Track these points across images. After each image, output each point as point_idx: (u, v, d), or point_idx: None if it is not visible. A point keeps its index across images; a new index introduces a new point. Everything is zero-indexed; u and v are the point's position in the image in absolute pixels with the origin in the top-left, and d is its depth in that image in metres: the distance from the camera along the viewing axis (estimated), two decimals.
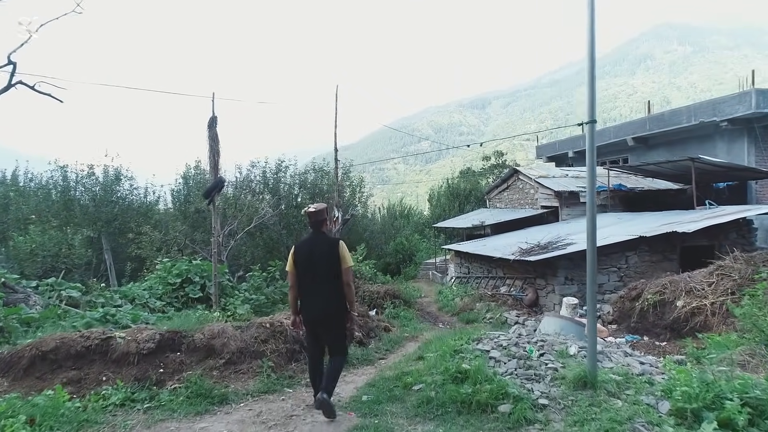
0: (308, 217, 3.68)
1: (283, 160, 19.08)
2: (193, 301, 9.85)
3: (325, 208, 3.70)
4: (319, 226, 3.67)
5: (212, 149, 8.81)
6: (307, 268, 3.56)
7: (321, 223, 3.68)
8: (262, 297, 11.25)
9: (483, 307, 10.04)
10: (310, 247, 3.61)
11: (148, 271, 12.82)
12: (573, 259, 8.78)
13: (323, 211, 3.68)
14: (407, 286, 16.11)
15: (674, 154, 14.46)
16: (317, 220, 3.65)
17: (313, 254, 3.55)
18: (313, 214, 3.65)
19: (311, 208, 3.68)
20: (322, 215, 3.68)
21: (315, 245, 3.60)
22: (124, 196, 17.04)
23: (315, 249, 3.58)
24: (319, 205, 3.72)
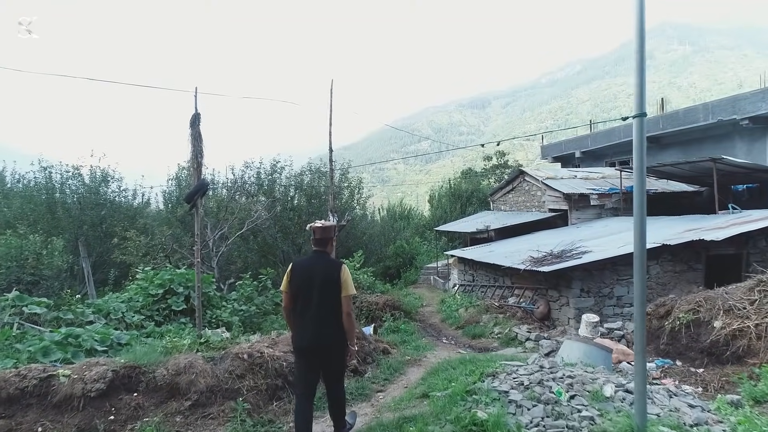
0: (313, 233, 3.34)
1: (278, 161, 18.34)
2: (177, 314, 9.10)
3: (333, 226, 3.41)
4: (324, 245, 3.34)
5: (195, 149, 8.03)
6: (303, 290, 3.20)
7: (327, 242, 3.35)
8: (252, 308, 10.51)
9: (490, 320, 9.29)
10: (309, 268, 3.25)
11: (132, 279, 12.09)
12: (589, 269, 8.04)
13: (331, 229, 3.39)
14: (407, 293, 15.37)
15: (689, 154, 13.73)
16: (323, 238, 3.33)
17: (312, 276, 3.19)
18: (320, 230, 3.33)
19: (318, 223, 3.40)
20: (329, 233, 3.37)
21: (315, 266, 3.25)
22: (112, 199, 16.29)
23: (315, 270, 3.22)
24: (327, 222, 3.46)
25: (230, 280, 12.85)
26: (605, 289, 8.12)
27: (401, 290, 17.02)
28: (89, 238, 15.40)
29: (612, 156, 16.89)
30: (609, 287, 8.14)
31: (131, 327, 7.98)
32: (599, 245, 9.12)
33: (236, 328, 9.16)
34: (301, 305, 3.18)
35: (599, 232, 10.90)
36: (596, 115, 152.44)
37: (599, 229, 11.27)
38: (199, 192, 7.95)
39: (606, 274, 8.13)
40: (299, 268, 3.27)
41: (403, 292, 15.92)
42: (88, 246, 15.50)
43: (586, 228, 11.83)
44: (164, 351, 4.38)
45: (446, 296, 12.88)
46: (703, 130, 13.11)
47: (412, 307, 10.57)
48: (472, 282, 12.05)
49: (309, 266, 3.25)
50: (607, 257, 7.93)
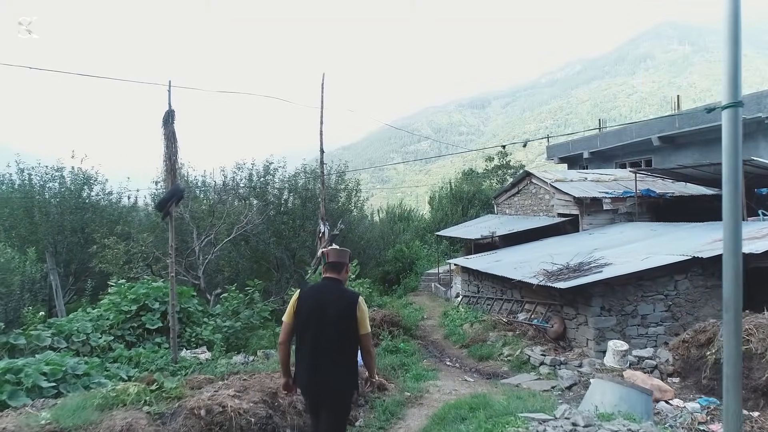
0: (326, 257, 3.00)
1: (272, 162, 17.47)
2: (151, 333, 8.23)
3: (348, 252, 3.13)
4: (338, 270, 2.98)
5: (168, 150, 7.17)
6: (313, 325, 2.79)
7: (340, 268, 2.98)
8: (237, 323, 9.62)
9: (498, 339, 8.42)
10: (320, 299, 2.85)
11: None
12: (611, 284, 7.18)
13: (346, 254, 3.07)
14: (407, 302, 14.50)
15: (707, 155, 12.87)
16: (338, 262, 2.97)
17: (324, 309, 2.80)
18: (335, 254, 3.01)
19: (332, 247, 3.19)
20: (343, 258, 3.01)
21: (327, 298, 2.85)
22: (94, 202, 15.42)
23: (327, 303, 2.82)
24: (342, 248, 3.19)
25: (217, 290, 11.97)
26: (628, 306, 7.27)
27: (400, 299, 16.17)
28: (71, 245, 14.56)
29: (623, 157, 16.03)
30: (633, 305, 7.28)
31: (96, 351, 7.10)
32: (619, 255, 8.26)
33: (218, 348, 8.29)
34: (312, 342, 2.78)
35: (615, 239, 10.04)
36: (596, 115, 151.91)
37: (615, 236, 10.41)
38: (173, 199, 7.09)
39: (629, 290, 7.27)
40: (308, 297, 2.85)
41: (403, 301, 15.06)
42: (69, 252, 14.66)
43: (600, 235, 10.97)
44: (102, 404, 3.49)
45: (449, 308, 12.01)
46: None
47: (412, 323, 9.70)
48: (477, 293, 11.19)
49: (320, 296, 2.84)
50: (631, 271, 7.07)
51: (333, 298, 2.83)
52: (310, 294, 2.91)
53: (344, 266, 2.99)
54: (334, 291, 2.88)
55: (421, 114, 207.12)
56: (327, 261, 2.97)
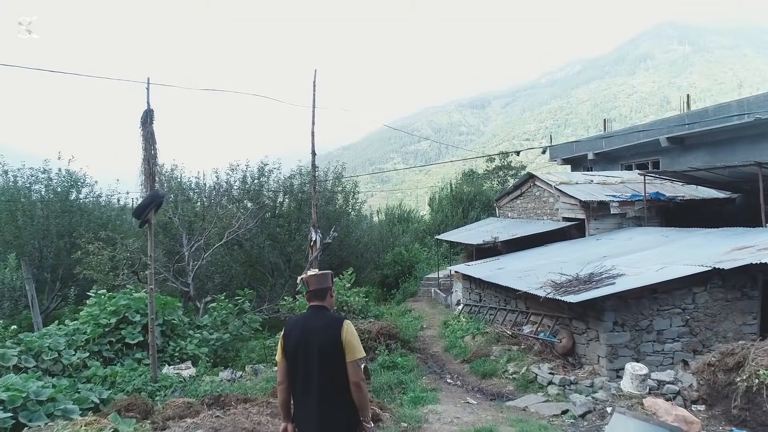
0: (306, 285, 2.71)
1: (266, 164, 16.96)
2: (131, 348, 7.71)
3: (329, 274, 2.82)
4: (321, 297, 2.71)
5: (147, 152, 6.66)
6: (300, 360, 2.59)
7: (324, 293, 2.72)
8: (226, 335, 9.09)
9: (502, 354, 7.90)
10: (304, 331, 2.63)
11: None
12: (624, 297, 6.66)
13: (327, 277, 2.78)
14: (406, 309, 13.98)
15: (718, 156, 12.36)
16: (319, 289, 2.70)
17: (309, 342, 2.59)
18: (314, 280, 2.70)
19: (310, 272, 2.83)
20: (325, 282, 2.74)
21: (311, 329, 2.63)
22: (82, 205, 14.88)
23: (311, 335, 2.61)
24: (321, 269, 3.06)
25: (207, 298, 11.44)
26: (643, 321, 6.75)
27: (399, 305, 15.65)
28: (58, 249, 14.03)
29: (629, 158, 15.51)
30: (648, 319, 6.76)
31: (68, 370, 6.58)
32: (631, 265, 7.74)
33: (202, 363, 7.77)
34: (302, 380, 2.57)
35: (625, 246, 9.52)
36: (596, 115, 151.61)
37: (624, 243, 9.89)
38: (152, 205, 6.56)
39: (644, 304, 6.75)
40: (293, 330, 2.65)
41: (402, 307, 14.54)
42: (56, 257, 14.13)
43: (608, 240, 10.46)
44: None
45: (449, 317, 11.49)
46: (735, 129, 11.74)
47: (410, 334, 9.18)
48: (478, 302, 10.66)
49: (304, 329, 2.62)
50: (647, 284, 6.55)
51: (317, 329, 2.59)
52: (294, 327, 2.68)
53: (328, 291, 2.73)
54: (318, 319, 2.64)
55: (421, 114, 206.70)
56: (308, 289, 2.68)
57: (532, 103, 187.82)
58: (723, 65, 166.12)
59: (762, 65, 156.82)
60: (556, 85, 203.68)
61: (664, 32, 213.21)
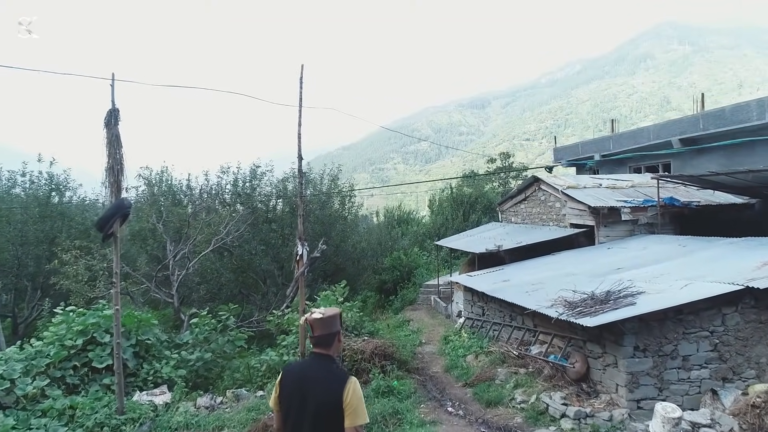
0: (311, 329, 2.32)
1: (259, 166, 16.25)
2: (100, 372, 6.98)
3: (337, 315, 2.38)
4: (326, 345, 2.33)
5: (112, 158, 5.95)
6: (291, 416, 2.28)
7: (330, 340, 2.33)
8: (208, 354, 8.35)
9: (508, 378, 7.19)
10: (302, 380, 2.30)
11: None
12: (645, 318, 5.95)
13: (335, 320, 2.35)
14: (404, 320, 13.29)
15: (735, 159, 11.67)
16: (324, 336, 2.31)
17: (305, 398, 2.24)
18: (320, 325, 2.30)
19: (316, 313, 2.34)
20: (333, 327, 2.34)
21: (310, 379, 2.28)
22: (64, 210, 14.16)
23: (309, 385, 2.26)
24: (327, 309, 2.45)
25: (192, 310, 10.71)
26: (667, 346, 6.04)
27: (397, 314, 14.96)
28: (37, 257, 13.31)
29: (638, 161, 14.81)
30: (672, 344, 6.05)
31: (23, 401, 5.85)
32: (650, 279, 7.04)
33: (179, 388, 7.04)
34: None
35: (639, 257, 8.82)
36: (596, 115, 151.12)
37: (638, 253, 9.18)
38: (116, 216, 5.84)
39: (668, 326, 6.05)
40: (290, 378, 2.39)
41: (399, 317, 13.85)
42: (37, 265, 13.41)
43: (620, 250, 9.75)
44: None
45: (450, 330, 10.78)
46: (754, 130, 11.05)
47: (408, 353, 8.47)
48: (481, 316, 9.95)
49: (302, 378, 2.34)
50: (673, 305, 5.84)
51: (316, 383, 2.28)
52: (292, 373, 2.40)
53: (335, 337, 2.39)
54: (320, 370, 2.31)
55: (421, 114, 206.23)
56: (313, 334, 2.33)
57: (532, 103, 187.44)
58: (723, 65, 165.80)
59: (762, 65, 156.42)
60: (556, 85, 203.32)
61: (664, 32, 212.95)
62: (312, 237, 15.43)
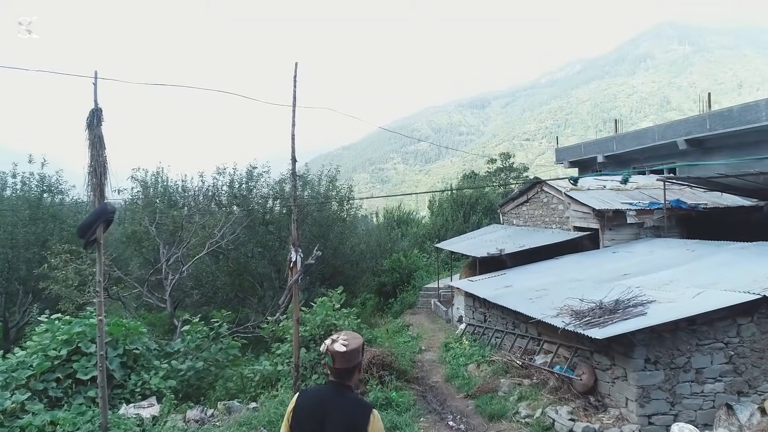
0: (331, 359, 2.11)
1: (255, 167, 15.94)
2: (85, 384, 6.68)
3: (360, 346, 2.16)
4: (347, 377, 2.15)
5: (94, 160, 5.65)
6: None
7: (350, 374, 2.15)
8: (199, 363, 8.06)
9: (511, 389, 6.90)
10: (320, 411, 2.12)
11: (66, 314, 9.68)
12: (657, 329, 5.66)
13: (358, 352, 2.15)
14: (403, 324, 12.98)
15: (741, 159, 11.37)
16: (345, 369, 2.14)
17: (323, 425, 2.09)
18: (341, 358, 2.11)
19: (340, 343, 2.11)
20: (355, 360, 2.14)
21: (329, 409, 2.11)
22: (56, 213, 13.85)
23: (328, 417, 2.09)
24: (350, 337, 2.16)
25: (185, 316, 10.41)
26: (680, 358, 5.75)
27: (396, 318, 14.66)
28: (28, 260, 13.00)
29: (642, 161, 14.53)
30: (685, 356, 5.76)
31: (0, 417, 5.55)
32: (659, 286, 6.75)
33: (167, 400, 6.74)
34: None
35: (647, 262, 8.52)
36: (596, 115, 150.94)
37: (644, 258, 8.89)
38: (98, 222, 5.54)
39: (680, 337, 5.75)
40: (305, 409, 2.17)
41: (399, 322, 13.54)
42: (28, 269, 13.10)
43: (626, 254, 9.46)
44: None
45: (451, 336, 10.48)
46: (763, 131, 10.76)
47: (407, 362, 8.17)
48: (483, 323, 9.66)
49: (320, 410, 2.14)
50: (686, 316, 5.54)
51: (336, 417, 2.11)
52: (308, 403, 2.21)
53: (356, 369, 2.20)
54: (340, 402, 2.14)
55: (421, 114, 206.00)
56: (333, 365, 2.14)
57: (532, 103, 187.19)
58: (723, 65, 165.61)
59: (762, 65, 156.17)
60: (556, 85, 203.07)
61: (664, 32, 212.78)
62: (309, 239, 15.16)
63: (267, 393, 7.27)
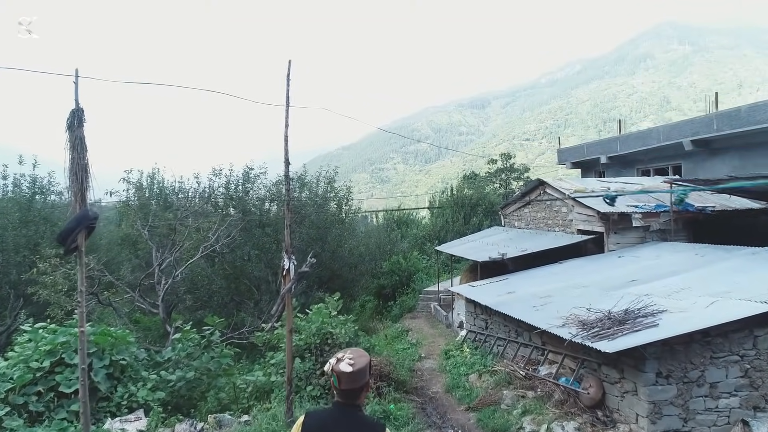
0: (337, 379, 2.01)
1: (252, 168, 15.64)
2: (68, 397, 6.38)
3: (367, 365, 2.05)
4: (353, 398, 2.06)
5: (75, 163, 5.34)
6: None
7: (357, 394, 2.06)
8: (190, 372, 7.76)
9: (515, 401, 6.61)
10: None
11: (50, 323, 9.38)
12: (669, 341, 5.36)
13: (365, 371, 2.04)
14: (402, 330, 12.70)
15: (750, 161, 11.12)
16: (351, 390, 2.03)
17: None
18: (347, 379, 2.00)
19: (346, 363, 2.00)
20: (362, 379, 2.04)
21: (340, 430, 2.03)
22: (47, 215, 13.54)
23: None
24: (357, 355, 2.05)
25: (178, 322, 10.11)
26: (693, 372, 5.45)
27: (396, 323, 14.37)
28: (17, 264, 12.69)
29: (647, 162, 14.24)
30: (698, 369, 5.46)
31: None
32: (669, 294, 6.46)
33: (155, 414, 6.44)
34: None
35: (654, 267, 8.23)
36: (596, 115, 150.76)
37: (652, 263, 8.60)
38: (79, 228, 5.24)
39: (694, 350, 5.46)
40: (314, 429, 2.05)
41: (398, 327, 13.26)
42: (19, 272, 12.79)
43: (633, 259, 9.16)
44: None
45: (451, 342, 10.19)
46: None
47: (406, 372, 7.88)
48: (484, 330, 9.36)
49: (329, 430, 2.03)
50: (700, 328, 5.25)
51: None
52: (315, 428, 2.09)
53: (363, 389, 2.10)
54: (351, 424, 2.04)
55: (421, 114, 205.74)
56: (338, 386, 2.03)
57: (532, 103, 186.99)
58: (723, 65, 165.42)
59: (762, 65, 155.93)
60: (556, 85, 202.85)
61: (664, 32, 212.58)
62: (307, 242, 14.86)
63: (260, 405, 6.97)
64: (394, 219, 28.97)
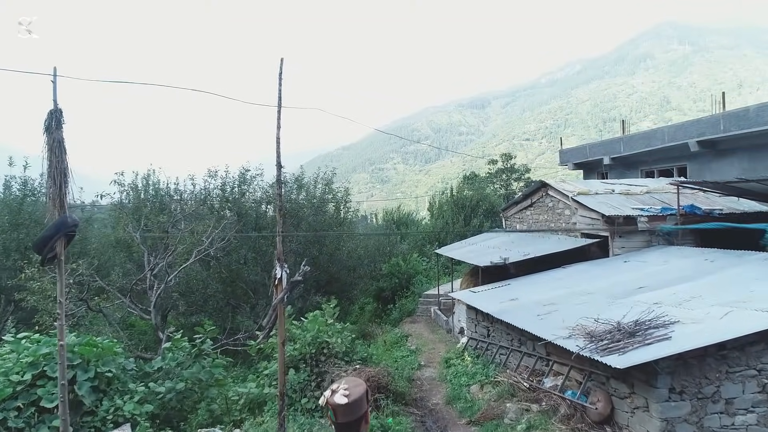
0: (333, 413, 1.83)
1: (248, 169, 15.35)
2: (50, 412, 6.08)
3: (364, 394, 1.86)
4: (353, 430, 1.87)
5: (53, 167, 5.05)
6: None
7: (355, 427, 1.87)
8: (180, 383, 7.46)
9: (519, 415, 6.31)
10: None
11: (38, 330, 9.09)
12: (683, 355, 5.07)
13: (362, 401, 1.86)
14: (402, 335, 12.38)
15: (758, 162, 10.82)
16: (349, 423, 1.84)
17: None
18: (343, 412, 1.82)
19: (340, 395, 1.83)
20: (360, 409, 1.86)
21: None
22: (39, 219, 13.23)
23: None
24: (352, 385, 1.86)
25: (170, 329, 9.81)
26: (708, 387, 5.16)
27: (395, 327, 14.06)
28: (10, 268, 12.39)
29: (651, 164, 13.95)
30: (714, 385, 5.17)
31: None
32: (680, 303, 6.17)
33: (141, 429, 6.15)
34: None
35: (662, 273, 7.93)
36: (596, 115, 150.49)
37: (659, 268, 8.31)
38: (57, 236, 4.95)
39: (709, 364, 5.17)
40: None
41: (398, 332, 12.95)
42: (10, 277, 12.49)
43: (639, 264, 8.86)
44: None
45: (451, 350, 9.89)
46: None
47: (405, 382, 7.58)
48: (486, 338, 9.06)
49: None
50: (716, 342, 4.96)
51: None
52: None
53: (362, 420, 1.89)
54: None
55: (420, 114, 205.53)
56: (335, 420, 1.85)
57: (532, 103, 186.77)
58: (723, 65, 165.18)
59: (762, 65, 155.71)
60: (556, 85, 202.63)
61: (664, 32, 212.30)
62: (304, 245, 14.58)
63: (252, 418, 6.69)
64: (393, 220, 28.68)
